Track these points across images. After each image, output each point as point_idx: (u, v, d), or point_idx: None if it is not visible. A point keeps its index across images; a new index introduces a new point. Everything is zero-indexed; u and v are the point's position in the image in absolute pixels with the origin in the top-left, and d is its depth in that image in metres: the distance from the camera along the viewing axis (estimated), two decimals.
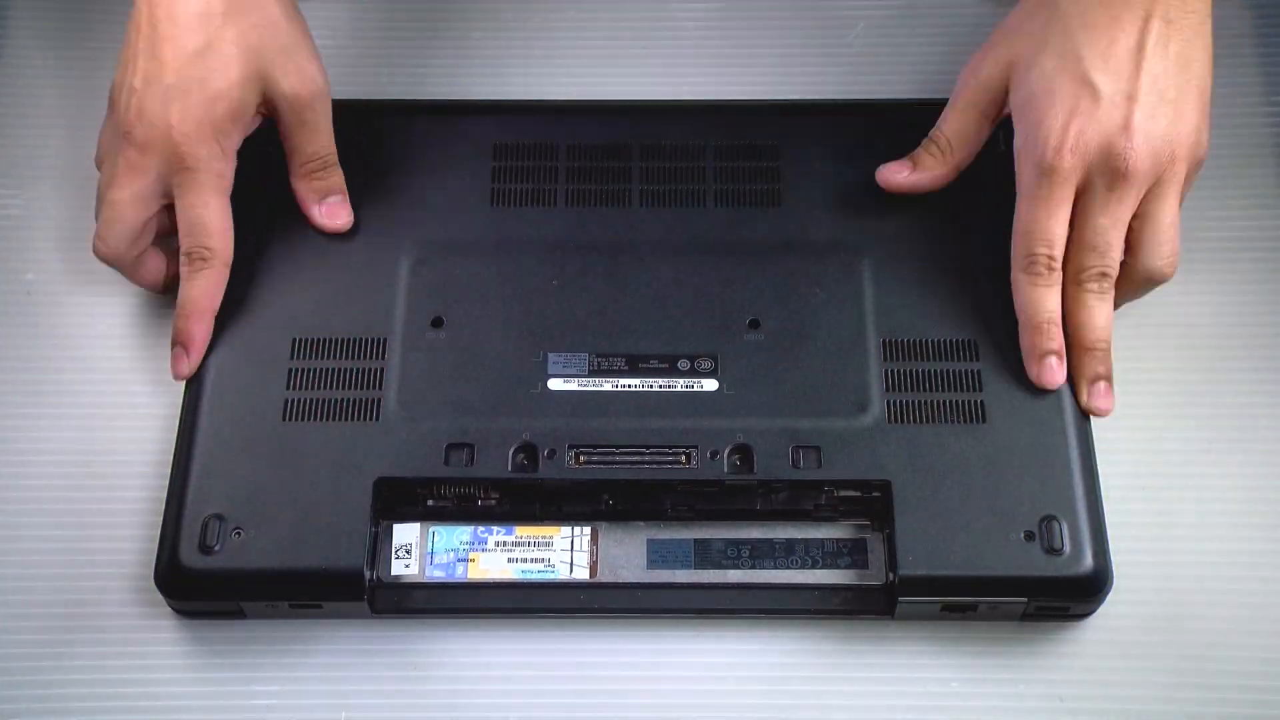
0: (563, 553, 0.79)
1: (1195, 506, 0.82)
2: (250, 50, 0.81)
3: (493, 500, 0.79)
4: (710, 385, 0.81)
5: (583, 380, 0.81)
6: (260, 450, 0.79)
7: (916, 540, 0.77)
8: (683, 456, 0.79)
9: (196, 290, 0.81)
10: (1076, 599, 0.77)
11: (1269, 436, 0.84)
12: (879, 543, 0.78)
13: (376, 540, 0.78)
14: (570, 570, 0.78)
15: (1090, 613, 0.79)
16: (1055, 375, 0.80)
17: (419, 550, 0.79)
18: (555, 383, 0.81)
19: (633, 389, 0.81)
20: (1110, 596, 0.77)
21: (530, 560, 0.78)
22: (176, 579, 0.77)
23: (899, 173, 0.86)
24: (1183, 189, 0.81)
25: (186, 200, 0.81)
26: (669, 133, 0.89)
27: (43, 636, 0.79)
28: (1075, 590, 0.77)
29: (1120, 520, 0.80)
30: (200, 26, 0.81)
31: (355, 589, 0.77)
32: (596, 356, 0.82)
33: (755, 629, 0.79)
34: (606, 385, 0.81)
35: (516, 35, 0.97)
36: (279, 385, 0.81)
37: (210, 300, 0.82)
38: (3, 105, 0.94)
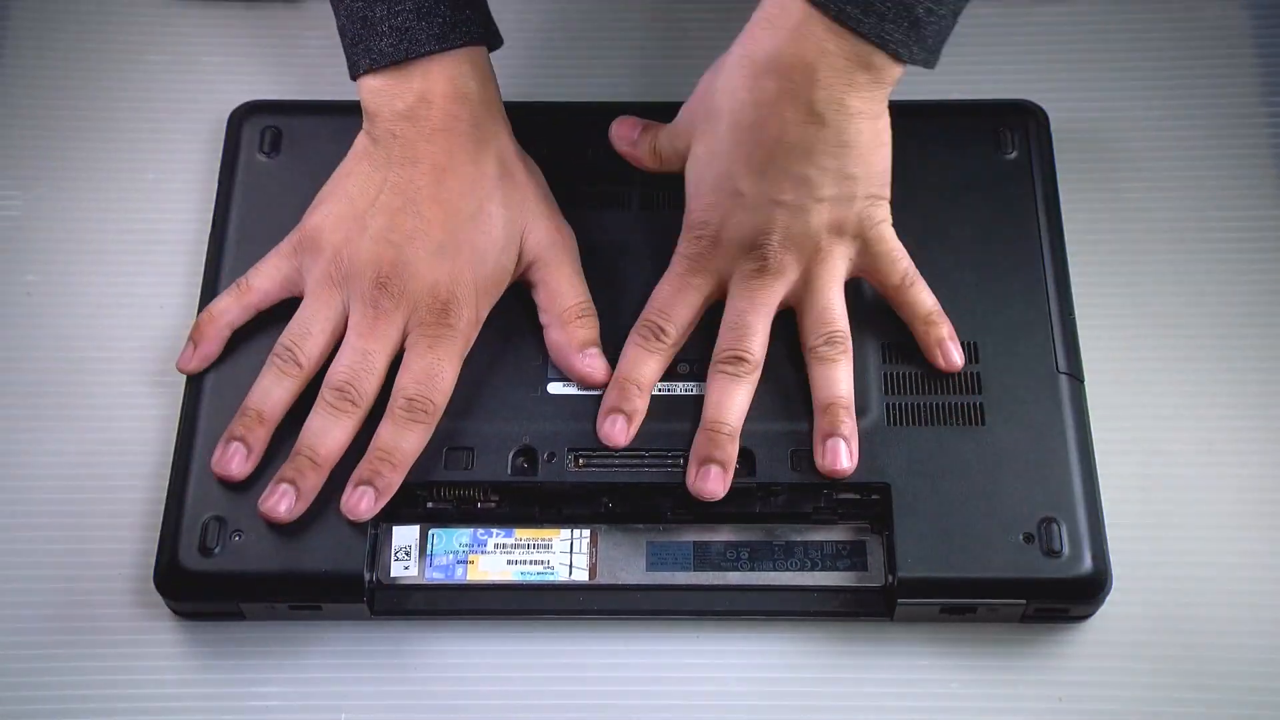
0: (562, 555, 0.79)
1: (1195, 506, 0.82)
2: (513, 214, 0.81)
3: (492, 503, 0.79)
4: None
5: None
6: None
7: (916, 542, 0.77)
8: (682, 459, 0.79)
9: (409, 443, 0.77)
10: (1076, 601, 0.77)
11: (1269, 436, 0.84)
12: (878, 545, 0.78)
13: (376, 542, 0.78)
14: (570, 572, 0.78)
15: (1090, 614, 0.79)
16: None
17: (418, 552, 0.79)
18: (555, 386, 0.81)
19: None
20: (1110, 597, 0.78)
21: (530, 562, 0.78)
22: (176, 581, 0.77)
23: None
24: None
25: (433, 354, 0.78)
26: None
27: (43, 637, 0.79)
28: (1074, 592, 0.77)
29: (1120, 520, 0.80)
30: (472, 191, 0.80)
31: (355, 591, 0.77)
32: None
33: (755, 631, 0.79)
34: None
35: (517, 35, 0.96)
36: None
37: (417, 453, 0.78)
38: (3, 105, 0.94)
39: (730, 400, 0.79)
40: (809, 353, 0.80)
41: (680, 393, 0.81)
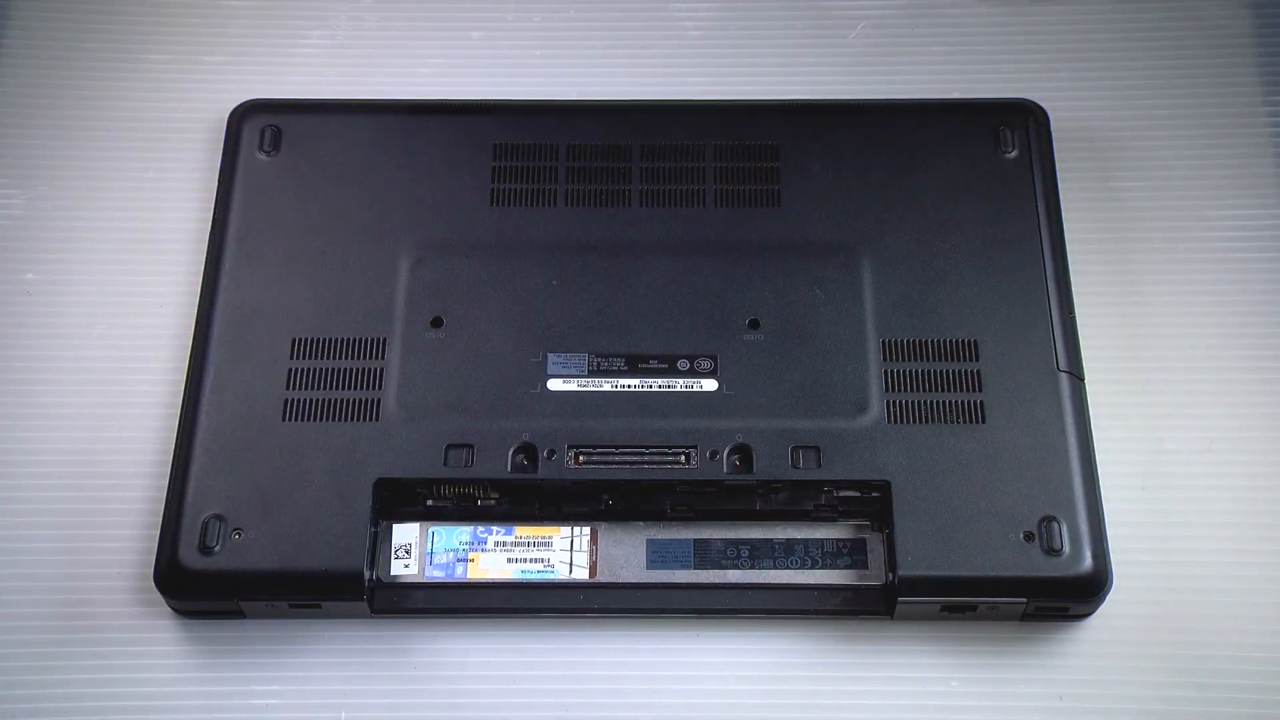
0: (562, 553, 0.79)
1: (1195, 506, 0.82)
2: None
3: (492, 500, 0.79)
4: (710, 385, 0.81)
5: (582, 380, 0.81)
6: (260, 450, 0.79)
7: (916, 540, 0.77)
8: (682, 456, 0.79)
9: None
10: (1076, 599, 0.77)
11: (1269, 436, 0.84)
12: (878, 543, 0.78)
13: (376, 540, 0.78)
14: (570, 570, 0.78)
15: (1090, 613, 0.79)
16: None
17: (418, 550, 0.79)
18: (555, 383, 0.81)
19: (632, 389, 0.81)
20: (1110, 596, 0.77)
21: (530, 560, 0.78)
22: (176, 579, 0.77)
23: None
24: None
25: None
26: (669, 133, 0.89)
27: (42, 636, 0.79)
28: (1075, 590, 0.77)
29: (1120, 520, 0.80)
30: None
31: (355, 589, 0.77)
32: (596, 356, 0.82)
33: (755, 629, 0.79)
34: (606, 385, 0.81)
35: (516, 35, 0.97)
36: (279, 385, 0.81)
37: None
38: (3, 105, 0.94)
39: None
40: None
41: (680, 390, 0.81)
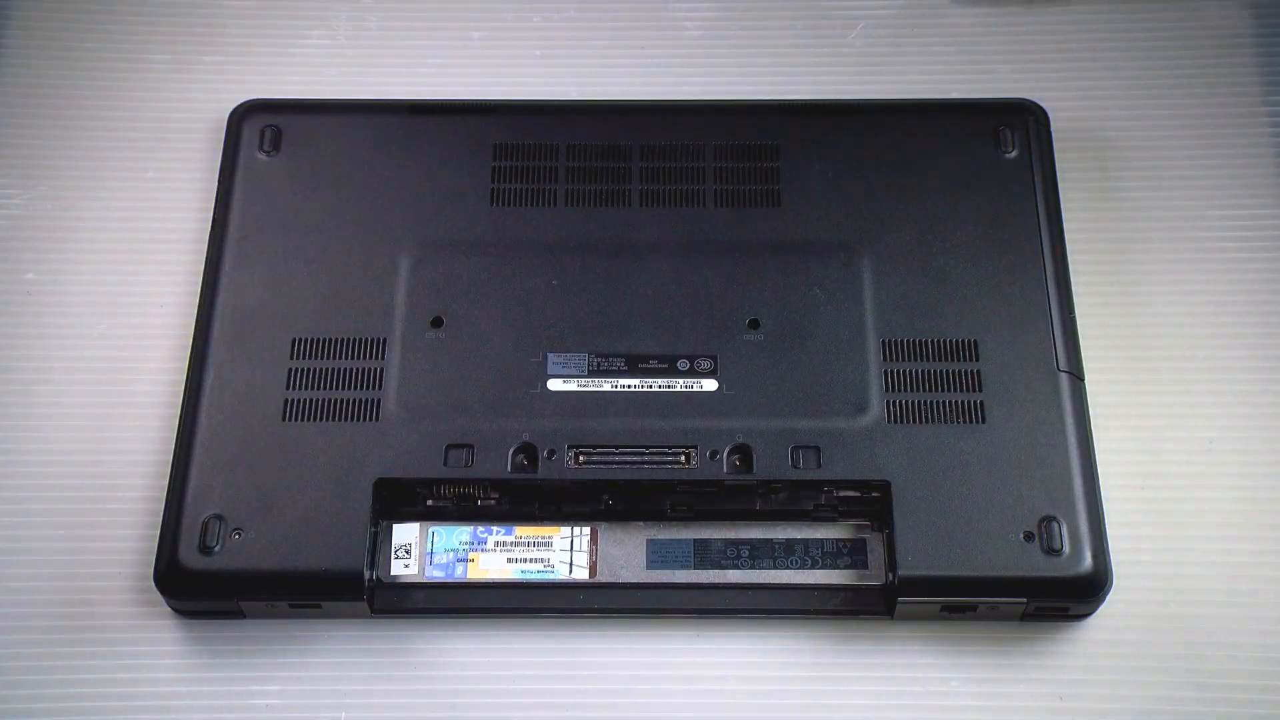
0: (562, 553, 0.79)
1: (1195, 506, 0.82)
2: None
3: (492, 500, 0.79)
4: (710, 385, 0.81)
5: (582, 380, 0.81)
6: (260, 450, 0.79)
7: (916, 540, 0.77)
8: (682, 456, 0.79)
9: None
10: (1076, 599, 0.77)
11: (1269, 436, 0.84)
12: (878, 543, 0.78)
13: (376, 540, 0.78)
14: (570, 570, 0.78)
15: (1090, 613, 0.79)
16: None
17: (418, 550, 0.79)
18: (555, 383, 0.81)
19: (632, 389, 0.81)
20: (1110, 596, 0.77)
21: (530, 560, 0.78)
22: (176, 579, 0.77)
23: None
24: None
25: None
26: (669, 133, 0.89)
27: (43, 636, 0.79)
28: (1075, 590, 0.77)
29: (1120, 520, 0.80)
30: None
31: (355, 589, 0.77)
32: (596, 357, 0.82)
33: (755, 629, 0.79)
34: (606, 385, 0.81)
35: (516, 35, 0.97)
36: (279, 385, 0.81)
37: None
38: (3, 105, 0.94)
39: None
40: None
41: (680, 390, 0.81)
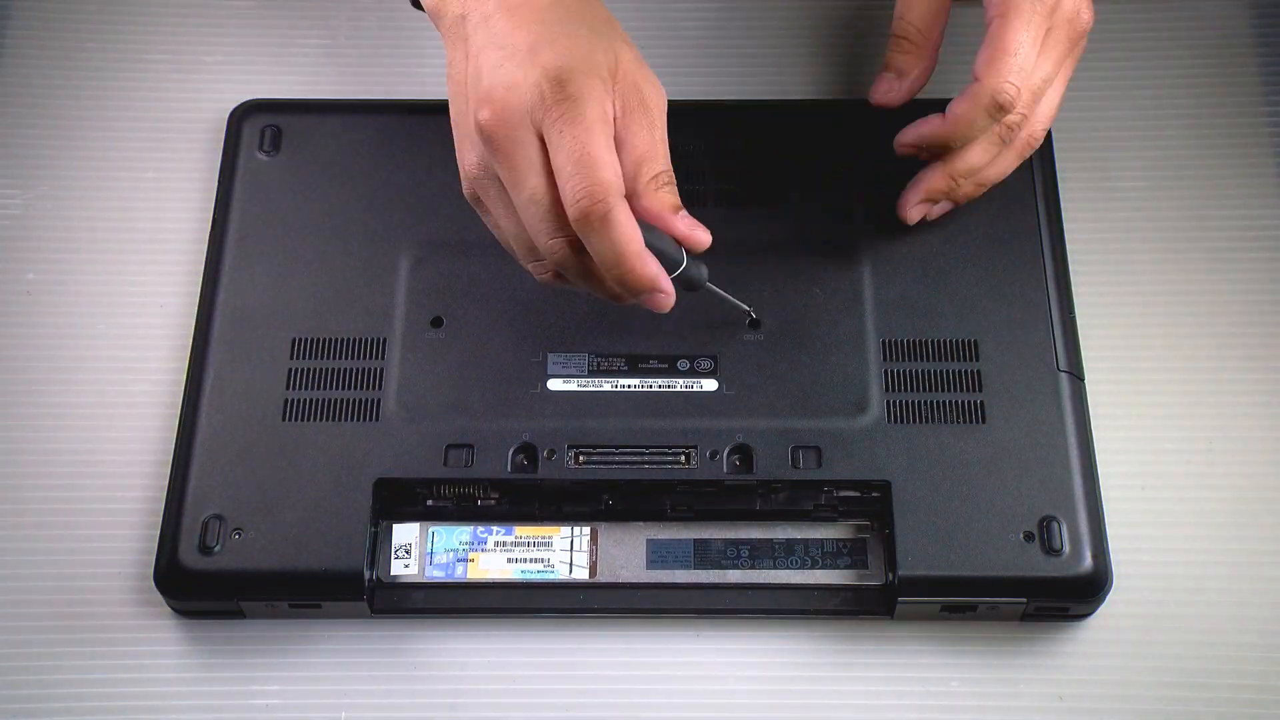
0: (562, 553, 0.79)
1: (1195, 505, 0.82)
2: (601, 35, 0.73)
3: (492, 500, 0.79)
4: (710, 385, 0.81)
5: (582, 380, 0.81)
6: (260, 450, 0.79)
7: (916, 540, 0.77)
8: (682, 457, 0.79)
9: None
10: (1076, 599, 0.77)
11: (1269, 436, 0.84)
12: (878, 543, 0.78)
13: (376, 540, 0.78)
14: (570, 570, 0.78)
15: (1090, 613, 0.79)
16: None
17: (418, 550, 0.79)
18: (555, 383, 0.81)
19: (632, 389, 0.81)
20: (1110, 596, 0.78)
21: (530, 560, 0.78)
22: (176, 579, 0.77)
23: (888, 91, 0.85)
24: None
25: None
26: (669, 133, 0.88)
27: (42, 635, 0.79)
28: (1075, 590, 0.77)
29: (1120, 520, 0.80)
30: (552, 8, 0.73)
31: (355, 589, 0.77)
32: (596, 356, 0.82)
33: (755, 629, 0.79)
34: (606, 385, 0.81)
35: None
36: (279, 385, 0.81)
37: None
38: (3, 105, 0.94)
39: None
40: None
41: (680, 390, 0.81)
